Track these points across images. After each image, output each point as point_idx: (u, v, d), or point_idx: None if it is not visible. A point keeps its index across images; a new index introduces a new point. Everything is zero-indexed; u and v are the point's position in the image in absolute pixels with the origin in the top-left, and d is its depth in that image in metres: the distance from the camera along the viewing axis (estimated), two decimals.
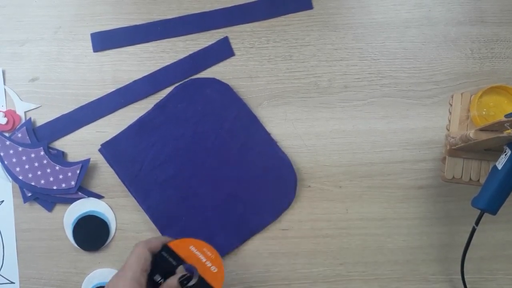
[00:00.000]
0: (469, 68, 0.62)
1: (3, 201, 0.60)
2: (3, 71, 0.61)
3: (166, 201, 0.59)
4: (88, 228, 0.59)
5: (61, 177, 0.58)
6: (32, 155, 0.58)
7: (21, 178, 0.58)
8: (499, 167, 0.49)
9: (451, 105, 0.60)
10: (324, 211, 0.60)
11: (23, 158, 0.58)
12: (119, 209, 0.60)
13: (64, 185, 0.58)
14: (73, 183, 0.58)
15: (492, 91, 0.59)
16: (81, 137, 0.60)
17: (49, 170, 0.58)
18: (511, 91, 0.58)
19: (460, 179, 0.57)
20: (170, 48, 0.62)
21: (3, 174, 0.59)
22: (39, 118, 0.60)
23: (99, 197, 0.60)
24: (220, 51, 0.62)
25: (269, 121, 0.61)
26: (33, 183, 0.58)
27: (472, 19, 0.63)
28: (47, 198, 0.59)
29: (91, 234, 0.59)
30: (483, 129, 0.49)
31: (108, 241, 0.59)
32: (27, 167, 0.58)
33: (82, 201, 0.59)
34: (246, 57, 0.62)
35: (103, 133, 0.60)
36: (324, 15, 0.63)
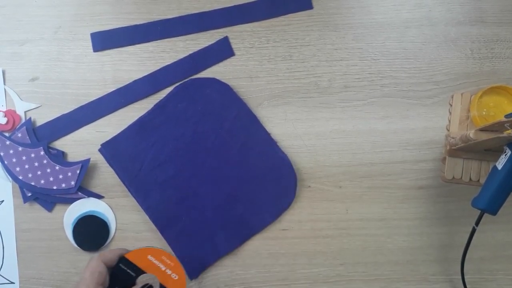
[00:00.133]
0: (469, 68, 0.62)
1: (3, 201, 0.60)
2: (3, 71, 0.61)
3: (166, 201, 0.59)
4: (88, 228, 0.59)
5: (61, 177, 0.58)
6: (32, 155, 0.58)
7: (21, 178, 0.58)
8: (499, 167, 0.49)
9: (451, 105, 0.60)
10: (324, 212, 0.60)
11: (23, 158, 0.58)
12: (119, 209, 0.60)
13: (64, 185, 0.58)
14: (73, 183, 0.58)
15: (492, 91, 0.59)
16: (81, 137, 0.60)
17: (49, 170, 0.58)
18: (511, 91, 0.58)
19: (460, 180, 0.57)
20: (170, 48, 0.62)
21: (3, 174, 0.59)
22: (39, 118, 0.60)
23: (99, 197, 0.60)
24: (220, 51, 0.62)
25: (269, 121, 0.61)
26: (33, 183, 0.58)
27: (472, 19, 0.63)
28: (47, 198, 0.59)
29: (91, 234, 0.59)
30: (483, 129, 0.49)
31: (108, 241, 0.59)
32: (27, 167, 0.58)
33: (82, 201, 0.59)
34: (246, 57, 0.62)
35: (103, 133, 0.60)
36: (324, 15, 0.63)
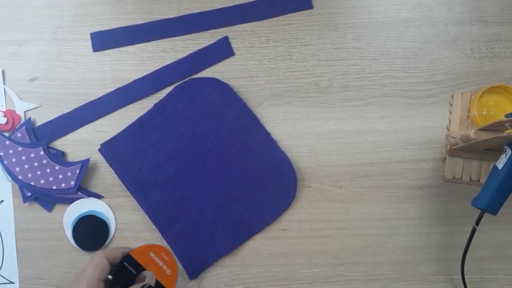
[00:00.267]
0: (469, 67, 0.62)
1: (2, 201, 0.59)
2: (3, 71, 0.61)
3: (165, 201, 0.59)
4: (88, 228, 0.59)
5: (60, 177, 0.58)
6: (31, 155, 0.58)
7: (20, 178, 0.58)
8: (500, 167, 0.49)
9: (452, 105, 0.60)
10: (324, 211, 0.60)
11: (23, 158, 0.58)
12: (119, 209, 0.60)
13: (63, 185, 0.58)
14: (72, 183, 0.58)
15: (492, 91, 0.59)
16: (81, 137, 0.60)
17: (48, 170, 0.58)
18: (511, 90, 0.58)
19: (460, 179, 0.57)
20: (170, 47, 0.62)
21: (2, 174, 0.59)
22: (39, 118, 0.60)
23: (99, 197, 0.60)
24: (220, 51, 0.62)
25: (269, 121, 0.61)
26: (32, 183, 0.58)
27: (472, 19, 0.63)
28: (46, 198, 0.59)
29: (91, 234, 0.59)
30: (483, 129, 0.49)
31: (108, 241, 0.59)
32: (26, 167, 0.58)
33: (81, 201, 0.59)
34: (246, 57, 0.62)
35: (103, 133, 0.60)
36: (324, 15, 0.62)
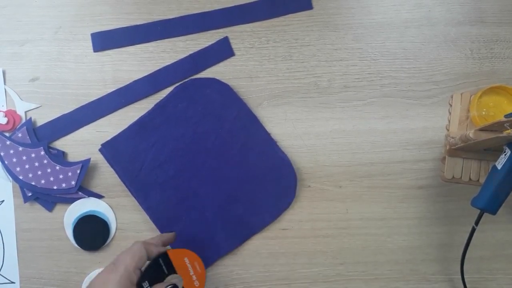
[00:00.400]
0: (469, 68, 0.62)
1: (3, 201, 0.60)
2: (4, 71, 0.61)
3: (166, 201, 0.59)
4: (88, 228, 0.59)
5: (61, 177, 0.58)
6: (32, 155, 0.58)
7: (21, 178, 0.58)
8: (499, 167, 0.50)
9: (451, 105, 0.60)
10: (324, 211, 0.60)
11: (24, 158, 0.58)
12: (119, 209, 0.60)
13: (64, 185, 0.58)
14: (73, 183, 0.58)
15: (491, 91, 0.59)
16: (81, 137, 0.60)
17: (49, 170, 0.58)
18: (511, 91, 0.58)
19: (460, 179, 0.57)
20: (170, 48, 0.62)
21: (3, 174, 0.59)
22: (40, 118, 0.60)
23: (99, 197, 0.60)
24: (220, 51, 0.62)
25: (269, 121, 0.61)
26: (33, 183, 0.58)
27: (472, 19, 0.63)
28: (47, 198, 0.59)
29: (91, 234, 0.59)
30: (482, 129, 0.50)
31: (108, 241, 0.59)
32: (27, 167, 0.58)
33: (82, 201, 0.59)
34: (246, 57, 0.62)
35: (103, 133, 0.60)
36: (324, 15, 0.63)
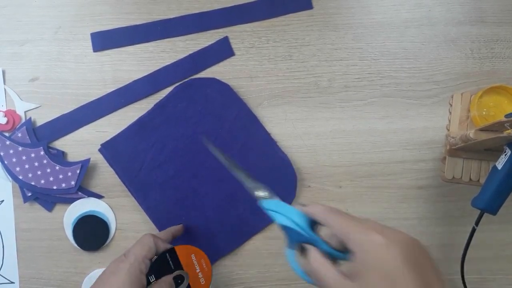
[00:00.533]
0: (469, 68, 0.62)
1: (3, 201, 0.60)
2: (3, 71, 0.61)
3: (166, 201, 0.59)
4: (88, 228, 0.59)
5: (61, 177, 0.58)
6: (32, 155, 0.58)
7: (21, 178, 0.58)
8: (499, 167, 0.49)
9: (451, 105, 0.60)
10: None
11: (23, 157, 0.58)
12: (119, 209, 0.60)
13: (64, 185, 0.58)
14: (73, 183, 0.58)
15: (492, 91, 0.59)
16: (81, 137, 0.60)
17: (49, 170, 0.58)
18: (511, 91, 0.58)
19: (460, 179, 0.57)
20: (170, 48, 0.62)
21: (3, 174, 0.59)
22: (39, 118, 0.60)
23: (99, 197, 0.60)
24: (220, 51, 0.62)
25: (269, 121, 0.61)
26: (33, 183, 0.58)
27: (472, 19, 0.63)
28: (47, 198, 0.59)
29: (91, 234, 0.59)
30: (483, 129, 0.49)
31: (108, 241, 0.59)
32: (27, 167, 0.58)
33: (82, 201, 0.59)
34: (246, 57, 0.62)
35: (103, 133, 0.60)
36: (324, 15, 0.63)
